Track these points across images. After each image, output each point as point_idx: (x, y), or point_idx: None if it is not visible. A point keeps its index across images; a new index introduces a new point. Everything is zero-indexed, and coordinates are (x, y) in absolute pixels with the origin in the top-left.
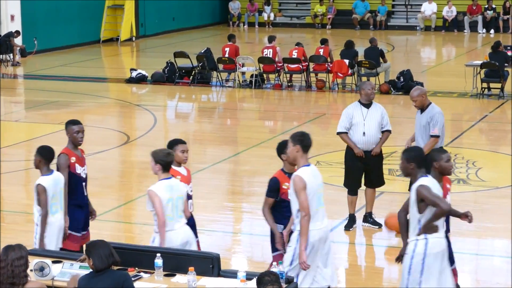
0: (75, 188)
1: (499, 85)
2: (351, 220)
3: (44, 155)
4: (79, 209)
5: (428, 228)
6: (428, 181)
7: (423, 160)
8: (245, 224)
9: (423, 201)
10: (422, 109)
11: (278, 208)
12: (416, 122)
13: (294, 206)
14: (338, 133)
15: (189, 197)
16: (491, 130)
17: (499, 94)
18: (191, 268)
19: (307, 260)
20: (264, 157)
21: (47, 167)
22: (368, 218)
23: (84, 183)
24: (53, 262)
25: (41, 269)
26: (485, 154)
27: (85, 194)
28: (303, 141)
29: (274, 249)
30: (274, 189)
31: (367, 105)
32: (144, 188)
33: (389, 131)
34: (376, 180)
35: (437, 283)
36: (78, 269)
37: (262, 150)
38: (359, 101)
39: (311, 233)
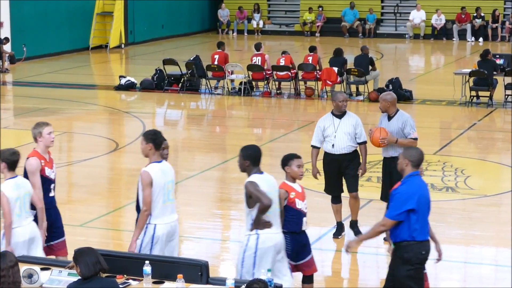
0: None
1: (487, 93)
2: (339, 228)
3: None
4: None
5: (259, 224)
6: (257, 178)
7: (258, 159)
8: (233, 231)
9: (251, 197)
10: (389, 115)
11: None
12: (381, 126)
13: (141, 200)
14: (311, 146)
15: (303, 214)
16: (479, 138)
17: (488, 102)
18: (180, 276)
19: (153, 253)
20: None
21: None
22: (352, 226)
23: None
24: (42, 269)
25: (29, 276)
26: (474, 162)
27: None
28: (155, 139)
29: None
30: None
31: (340, 115)
32: (133, 195)
33: (365, 142)
34: (348, 184)
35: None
36: (66, 276)
37: None
38: (332, 112)
39: (158, 227)
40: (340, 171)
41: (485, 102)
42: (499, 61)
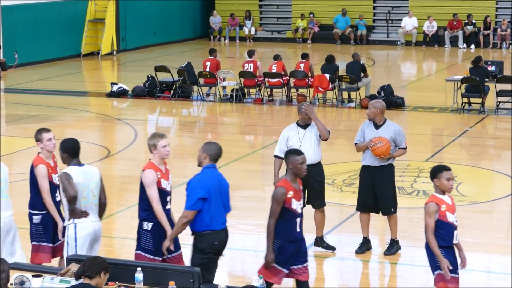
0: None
1: (479, 100)
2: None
3: None
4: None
5: (76, 214)
6: (73, 169)
7: (76, 151)
8: None
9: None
10: (376, 124)
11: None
12: (365, 134)
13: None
14: (274, 156)
15: (454, 227)
16: (471, 145)
17: (480, 109)
18: (172, 283)
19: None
20: (245, 171)
21: None
22: (320, 242)
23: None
24: (34, 276)
25: (21, 283)
26: (466, 169)
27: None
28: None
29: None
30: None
31: (304, 126)
32: (124, 202)
33: None
34: (312, 199)
35: None
36: (58, 283)
37: (242, 165)
38: (297, 123)
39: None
40: (304, 184)
41: (477, 109)
42: (491, 68)
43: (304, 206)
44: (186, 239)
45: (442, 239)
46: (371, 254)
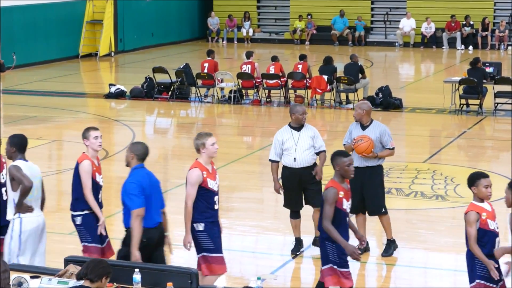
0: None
1: (477, 102)
2: (298, 244)
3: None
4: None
5: (22, 208)
6: (21, 163)
7: (24, 146)
8: (223, 239)
9: (14, 179)
10: (363, 125)
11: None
12: (353, 135)
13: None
14: (270, 160)
15: (496, 234)
16: (469, 147)
17: (478, 111)
18: (170, 284)
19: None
20: (243, 172)
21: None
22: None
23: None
24: (32, 277)
25: (19, 284)
26: (464, 170)
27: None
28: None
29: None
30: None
31: (298, 128)
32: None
33: (324, 151)
34: (311, 198)
35: (30, 258)
36: (56, 284)
37: (240, 166)
38: (289, 125)
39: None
40: (301, 185)
41: (475, 110)
42: (489, 69)
43: (302, 206)
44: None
45: (484, 247)
46: (368, 255)
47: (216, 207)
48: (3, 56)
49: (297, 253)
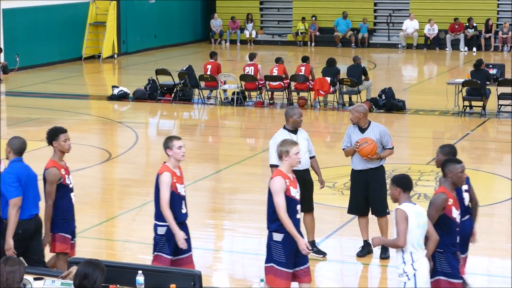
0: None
1: (480, 103)
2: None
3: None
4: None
5: None
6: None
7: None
8: (226, 241)
9: None
10: (361, 127)
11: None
12: (352, 139)
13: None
14: (272, 166)
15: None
16: (472, 148)
17: (481, 112)
18: (173, 286)
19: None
20: (246, 174)
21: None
22: (311, 246)
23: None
24: (35, 279)
25: (22, 285)
26: (467, 172)
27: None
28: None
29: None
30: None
31: (294, 131)
32: (125, 205)
33: (314, 156)
34: (305, 203)
35: None
36: (59, 285)
37: (243, 168)
38: (285, 128)
39: None
40: (305, 187)
41: (478, 112)
42: (492, 71)
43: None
44: (193, 242)
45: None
46: (371, 257)
47: (298, 216)
48: (6, 58)
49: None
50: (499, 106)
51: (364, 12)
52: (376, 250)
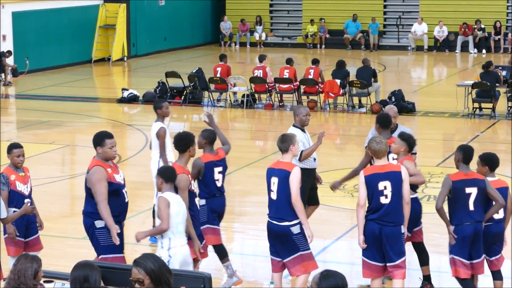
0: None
1: (490, 105)
2: None
3: None
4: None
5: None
6: None
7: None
8: (236, 244)
9: None
10: (392, 129)
11: None
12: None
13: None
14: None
15: None
16: (482, 150)
17: (491, 114)
18: None
19: None
20: (255, 177)
21: None
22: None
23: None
24: (45, 281)
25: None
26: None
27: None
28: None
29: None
30: None
31: (302, 129)
32: (135, 207)
33: None
34: (314, 197)
35: None
36: None
37: (253, 170)
38: (295, 126)
39: None
40: (306, 185)
41: (488, 114)
42: (502, 73)
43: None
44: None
45: None
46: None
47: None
48: (16, 61)
49: None
50: (509, 108)
51: (374, 14)
52: None
